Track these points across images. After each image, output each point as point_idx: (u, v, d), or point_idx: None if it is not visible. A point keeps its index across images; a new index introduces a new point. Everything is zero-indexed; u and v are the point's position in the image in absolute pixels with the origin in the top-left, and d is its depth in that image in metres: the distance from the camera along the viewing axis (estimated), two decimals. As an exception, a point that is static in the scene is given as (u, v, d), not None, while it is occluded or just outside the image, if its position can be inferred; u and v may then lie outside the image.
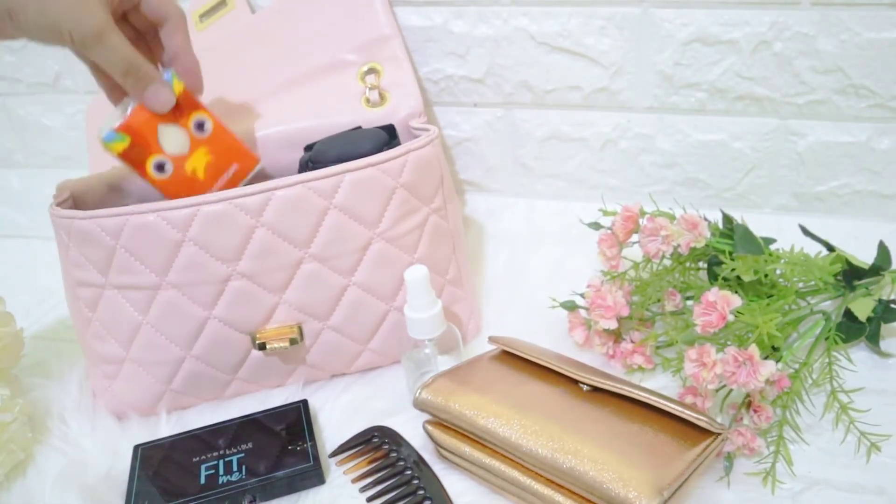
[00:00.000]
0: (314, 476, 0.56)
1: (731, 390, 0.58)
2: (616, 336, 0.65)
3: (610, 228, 0.65)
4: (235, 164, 0.62)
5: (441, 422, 0.56)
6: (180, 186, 0.61)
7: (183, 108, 0.60)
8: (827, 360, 0.60)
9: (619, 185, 0.84)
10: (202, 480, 0.56)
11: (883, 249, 0.66)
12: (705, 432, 0.51)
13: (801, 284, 0.64)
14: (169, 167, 0.60)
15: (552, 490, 0.50)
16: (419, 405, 0.56)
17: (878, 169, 0.75)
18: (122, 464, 0.59)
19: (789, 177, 0.78)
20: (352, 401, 0.64)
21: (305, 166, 0.64)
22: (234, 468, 0.56)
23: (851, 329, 0.62)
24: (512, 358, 0.61)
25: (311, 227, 0.59)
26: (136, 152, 0.59)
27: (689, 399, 0.57)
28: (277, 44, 0.78)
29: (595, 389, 0.55)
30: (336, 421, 0.62)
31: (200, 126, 0.61)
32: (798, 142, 0.76)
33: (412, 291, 0.58)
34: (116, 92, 0.61)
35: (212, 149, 0.61)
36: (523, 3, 0.76)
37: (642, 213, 0.63)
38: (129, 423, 0.63)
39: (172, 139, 0.59)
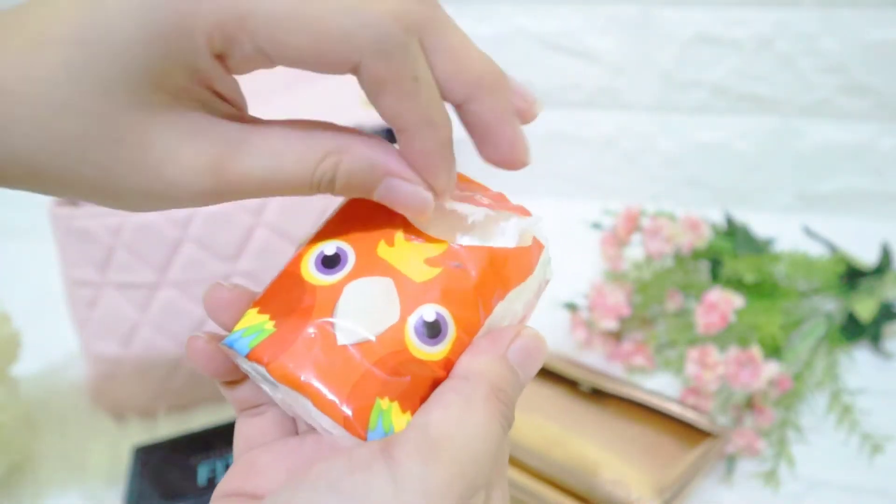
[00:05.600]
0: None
1: (733, 391, 0.57)
2: (617, 336, 0.65)
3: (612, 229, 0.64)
4: None
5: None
6: None
7: None
8: (829, 361, 0.59)
9: (621, 185, 0.83)
10: (201, 481, 0.55)
11: (885, 250, 0.65)
12: (707, 434, 0.51)
13: (803, 285, 0.63)
14: None
15: (553, 491, 0.50)
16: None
17: (881, 168, 0.75)
18: (121, 464, 0.58)
19: (792, 176, 0.77)
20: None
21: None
22: (234, 469, 0.56)
23: (854, 330, 0.62)
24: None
25: (312, 227, 0.59)
26: None
27: (690, 400, 0.56)
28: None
29: (596, 391, 0.55)
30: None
31: None
32: (800, 141, 0.75)
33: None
34: None
35: None
36: (524, 2, 0.76)
37: (643, 214, 0.63)
38: (128, 424, 0.63)
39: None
